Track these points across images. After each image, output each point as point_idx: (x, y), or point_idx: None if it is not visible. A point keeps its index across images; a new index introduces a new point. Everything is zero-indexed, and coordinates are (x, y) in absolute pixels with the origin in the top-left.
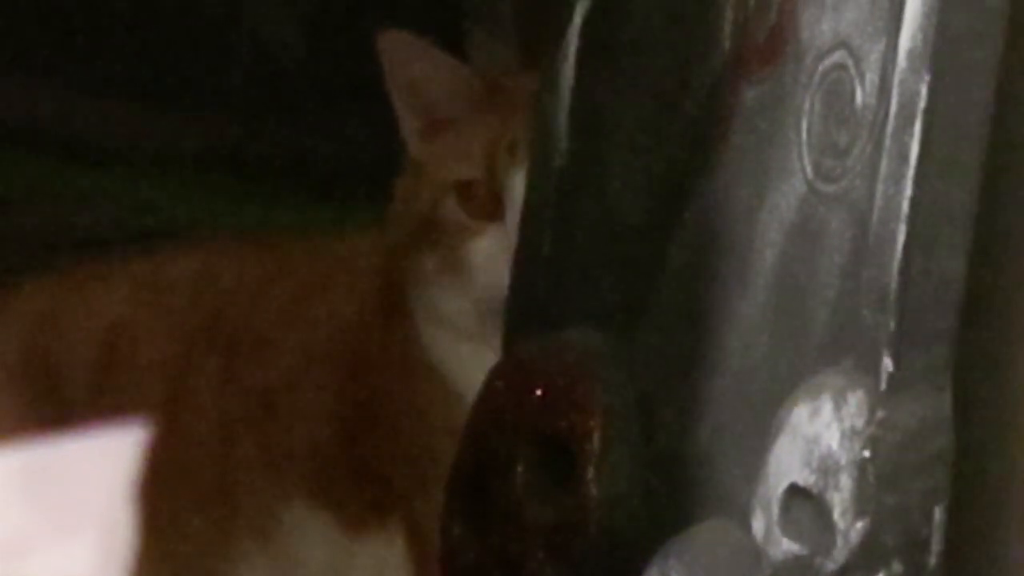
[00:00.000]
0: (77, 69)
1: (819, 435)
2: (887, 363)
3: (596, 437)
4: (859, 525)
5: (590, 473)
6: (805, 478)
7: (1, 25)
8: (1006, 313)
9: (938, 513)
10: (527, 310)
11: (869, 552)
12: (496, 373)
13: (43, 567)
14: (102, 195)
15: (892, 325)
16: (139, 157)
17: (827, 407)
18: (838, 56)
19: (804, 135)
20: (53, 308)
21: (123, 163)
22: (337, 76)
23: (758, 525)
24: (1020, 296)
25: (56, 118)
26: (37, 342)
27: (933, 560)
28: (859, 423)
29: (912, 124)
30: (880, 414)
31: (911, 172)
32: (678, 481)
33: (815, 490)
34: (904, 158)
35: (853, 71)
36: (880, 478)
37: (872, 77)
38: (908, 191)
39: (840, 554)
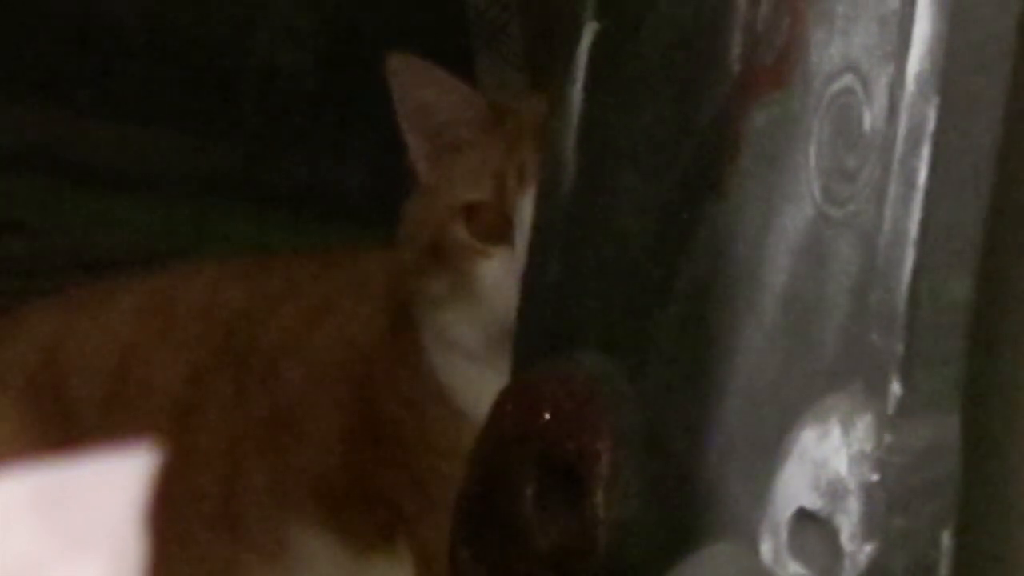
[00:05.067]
0: (92, 96)
1: (827, 459)
2: (895, 387)
3: (604, 460)
4: (867, 549)
5: (599, 496)
6: (813, 502)
7: (18, 53)
8: (1013, 336)
9: (946, 538)
10: (536, 333)
11: (877, 575)
12: (505, 396)
13: None
14: (115, 218)
15: (900, 348)
16: (151, 181)
17: (835, 431)
18: (847, 80)
19: (812, 159)
20: (64, 329)
21: (136, 187)
22: (346, 102)
23: (766, 548)
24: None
25: (70, 143)
26: (48, 363)
27: None
28: (867, 447)
29: (920, 148)
30: (888, 438)
31: (919, 196)
32: (687, 504)
33: (823, 514)
34: (912, 182)
35: (862, 95)
36: (888, 502)
37: (881, 101)
38: (916, 215)
39: None
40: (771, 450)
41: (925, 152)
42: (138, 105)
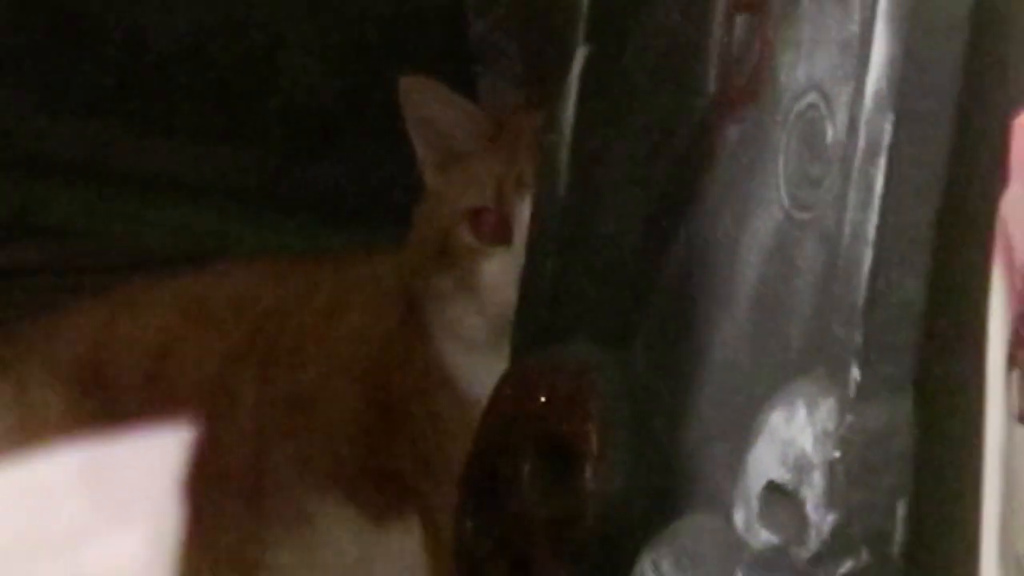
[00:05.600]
0: (135, 112)
1: (794, 437)
2: (855, 373)
3: (593, 439)
4: (830, 518)
5: (588, 472)
6: (781, 476)
7: (71, 72)
8: (960, 327)
9: (901, 508)
10: (533, 325)
11: (839, 542)
12: (504, 381)
13: (99, 555)
14: (152, 222)
15: (859, 339)
16: (186, 189)
17: (801, 412)
18: (811, 98)
19: (781, 168)
20: (109, 323)
21: (173, 194)
22: (362, 117)
23: (739, 518)
24: (968, 311)
25: (110, 153)
26: (95, 352)
27: (896, 550)
28: (830, 427)
29: (878, 159)
30: (849, 418)
31: (877, 202)
32: (668, 479)
33: (790, 487)
34: (871, 189)
35: (825, 111)
36: (849, 476)
37: (842, 116)
38: (874, 219)
39: (813, 544)
40: (743, 429)
41: (882, 162)
42: (176, 120)
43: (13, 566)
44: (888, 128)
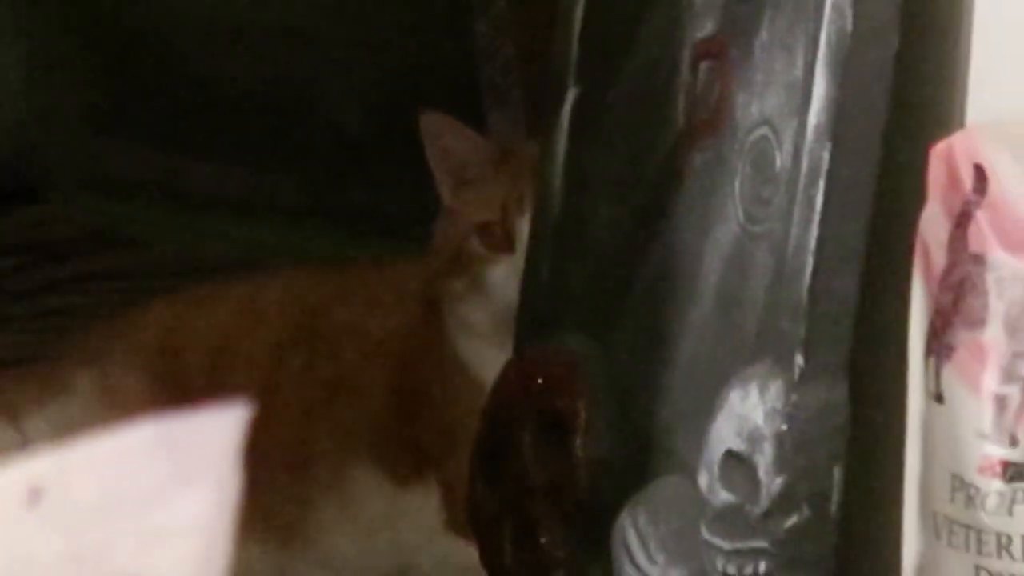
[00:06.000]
0: (194, 140)
1: (748, 414)
2: (799, 360)
3: (583, 415)
4: (778, 481)
5: (578, 442)
6: (738, 445)
7: (142, 104)
8: (886, 321)
9: (837, 472)
10: (532, 320)
11: (785, 501)
12: (509, 367)
13: (170, 514)
14: (211, 235)
15: (803, 332)
16: (240, 206)
17: (754, 393)
18: (763, 130)
19: (737, 189)
20: (179, 318)
21: (227, 210)
22: (390, 146)
23: (703, 481)
24: (893, 309)
25: (178, 176)
26: (167, 343)
27: (833, 508)
28: (778, 405)
29: (818, 182)
30: (794, 398)
31: (817, 217)
32: (644, 448)
33: (745, 454)
34: (812, 207)
35: (774, 142)
36: (794, 446)
37: (788, 146)
38: (815, 231)
39: (764, 502)
40: (707, 407)
41: (821, 185)
42: (232, 149)
43: (99, 523)
44: (826, 156)
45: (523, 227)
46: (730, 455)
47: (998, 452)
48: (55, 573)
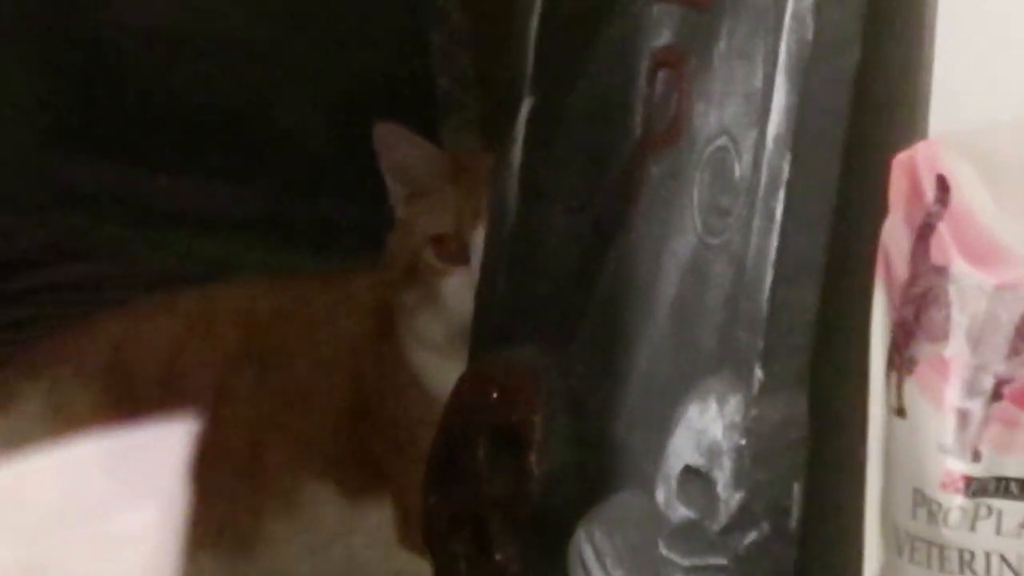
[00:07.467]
0: (146, 151)
1: (707, 427)
2: (758, 373)
3: (539, 427)
4: (737, 496)
5: (533, 456)
6: (696, 460)
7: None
8: (847, 332)
9: (797, 488)
10: (487, 332)
11: (744, 517)
12: (463, 379)
13: (120, 525)
14: (169, 250)
15: (762, 344)
16: (194, 219)
17: (713, 406)
18: (722, 141)
19: (696, 200)
20: (131, 329)
21: (183, 224)
22: (344, 158)
23: (661, 496)
24: (854, 321)
25: (129, 188)
26: (118, 354)
27: (793, 523)
28: (737, 418)
29: (778, 192)
30: (753, 411)
31: (776, 228)
32: (601, 462)
33: (704, 469)
34: (771, 217)
35: (733, 152)
36: (753, 460)
37: (747, 156)
38: (775, 242)
39: (723, 518)
40: (664, 421)
41: (781, 195)
42: (185, 160)
43: (49, 533)
44: (786, 166)
45: (478, 239)
46: (688, 470)
47: (960, 467)
48: None
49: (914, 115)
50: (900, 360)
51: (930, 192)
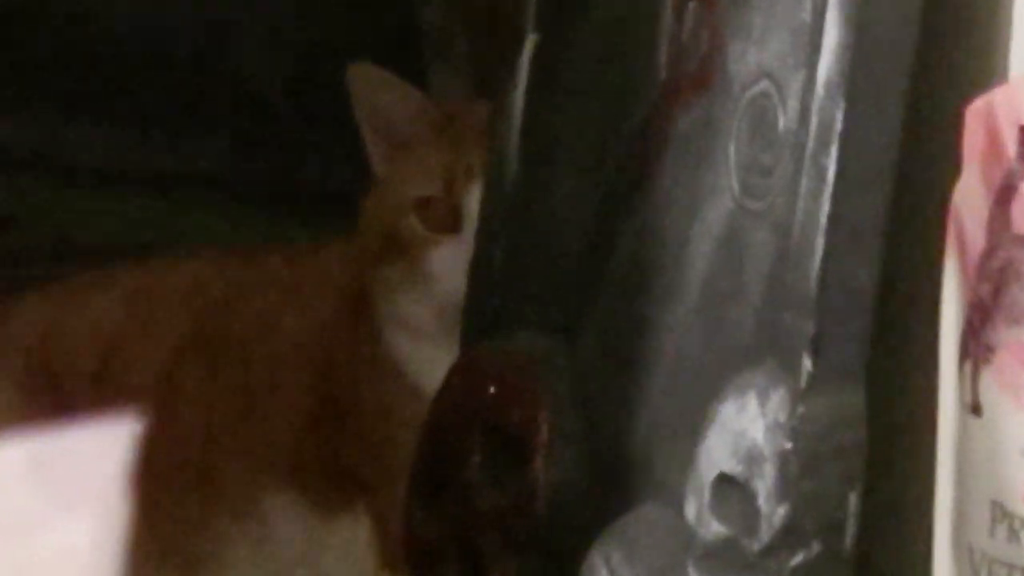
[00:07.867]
0: (80, 101)
1: (745, 429)
2: (807, 363)
3: (544, 429)
4: (781, 510)
5: (539, 461)
6: (733, 467)
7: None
8: (911, 318)
9: (853, 499)
10: (481, 314)
11: (790, 534)
12: (454, 371)
13: (46, 543)
14: (100, 213)
15: (811, 328)
16: (134, 179)
17: (752, 403)
18: (762, 85)
19: (732, 156)
20: (58, 314)
21: (120, 184)
22: (310, 107)
23: (690, 510)
24: (923, 300)
25: (57, 144)
26: (43, 344)
27: (848, 542)
28: (781, 417)
29: (829, 147)
30: (800, 409)
31: (829, 190)
32: (618, 470)
33: (742, 478)
34: (822, 178)
35: (776, 99)
36: (800, 467)
37: (793, 104)
38: (826, 207)
39: (764, 536)
40: (694, 420)
41: (833, 151)
42: (123, 109)
43: None
44: (840, 116)
45: (471, 203)
46: (723, 479)
47: None
48: None
49: (992, 54)
50: (975, 347)
51: (1011, 146)
